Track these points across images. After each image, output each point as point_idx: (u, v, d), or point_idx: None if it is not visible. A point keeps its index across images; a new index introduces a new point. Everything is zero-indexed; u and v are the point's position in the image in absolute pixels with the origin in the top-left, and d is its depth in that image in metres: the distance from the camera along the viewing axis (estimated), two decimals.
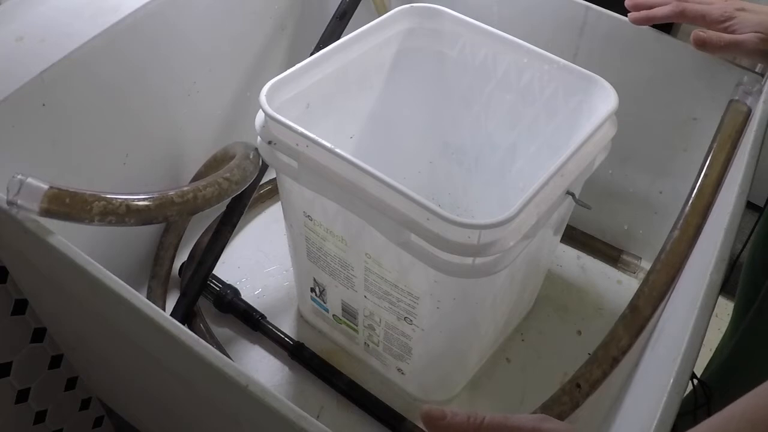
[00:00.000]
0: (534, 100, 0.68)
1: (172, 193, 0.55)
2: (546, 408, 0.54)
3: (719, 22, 0.64)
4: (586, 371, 0.53)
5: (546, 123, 0.68)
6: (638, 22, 0.69)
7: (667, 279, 0.54)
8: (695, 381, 0.51)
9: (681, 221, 0.56)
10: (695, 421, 0.34)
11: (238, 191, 0.62)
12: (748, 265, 0.80)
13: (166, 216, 0.55)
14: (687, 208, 0.56)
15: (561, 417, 0.53)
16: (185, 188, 0.56)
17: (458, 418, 0.37)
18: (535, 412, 0.54)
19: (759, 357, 0.72)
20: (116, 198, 0.51)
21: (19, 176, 0.48)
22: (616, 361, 0.53)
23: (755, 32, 0.62)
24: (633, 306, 0.54)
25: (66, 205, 0.49)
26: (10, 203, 0.48)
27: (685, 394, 0.40)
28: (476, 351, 0.71)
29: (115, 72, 0.65)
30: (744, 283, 0.81)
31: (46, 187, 0.48)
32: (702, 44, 0.65)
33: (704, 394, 0.65)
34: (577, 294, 0.86)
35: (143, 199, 0.53)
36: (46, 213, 0.48)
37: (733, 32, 0.64)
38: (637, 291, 0.55)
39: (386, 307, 0.64)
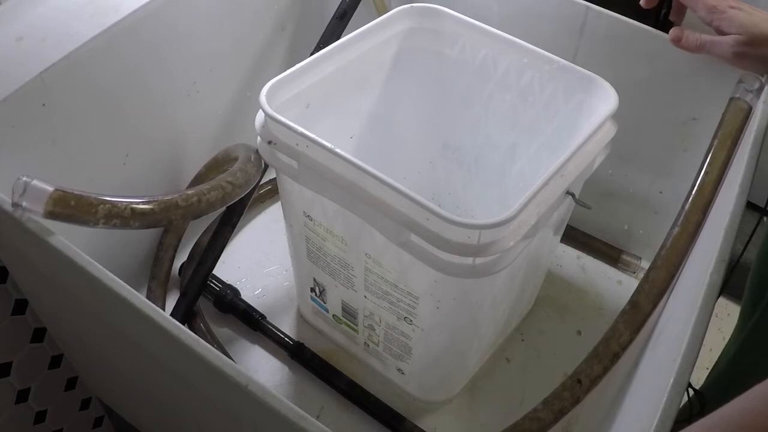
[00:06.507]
0: (534, 100, 0.68)
1: (176, 196, 0.55)
2: (547, 403, 0.53)
3: (709, 13, 0.64)
4: (586, 367, 0.53)
5: (546, 123, 0.68)
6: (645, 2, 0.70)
7: (667, 275, 0.54)
8: (690, 391, 0.50)
9: (681, 218, 0.56)
10: None
11: (242, 195, 0.62)
12: (755, 273, 0.79)
13: (170, 219, 0.55)
14: (687, 205, 0.56)
15: (562, 413, 0.53)
16: (189, 192, 0.56)
17: None
18: (535, 408, 0.54)
19: (758, 369, 0.72)
20: (121, 201, 0.51)
21: (24, 178, 0.47)
22: (616, 357, 0.53)
23: (736, 34, 0.62)
24: (633, 302, 0.54)
25: (71, 208, 0.48)
26: (14, 205, 0.47)
27: (681, 405, 0.40)
28: (476, 351, 0.71)
29: (115, 72, 0.65)
30: (751, 291, 0.80)
31: (51, 189, 0.48)
32: (678, 41, 0.67)
33: (699, 402, 0.65)
34: (577, 294, 0.86)
35: (148, 203, 0.53)
36: (51, 215, 0.47)
37: (717, 27, 0.64)
38: (637, 287, 0.55)
39: (386, 307, 0.64)
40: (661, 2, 0.71)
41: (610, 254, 0.89)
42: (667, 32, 0.69)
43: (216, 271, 0.78)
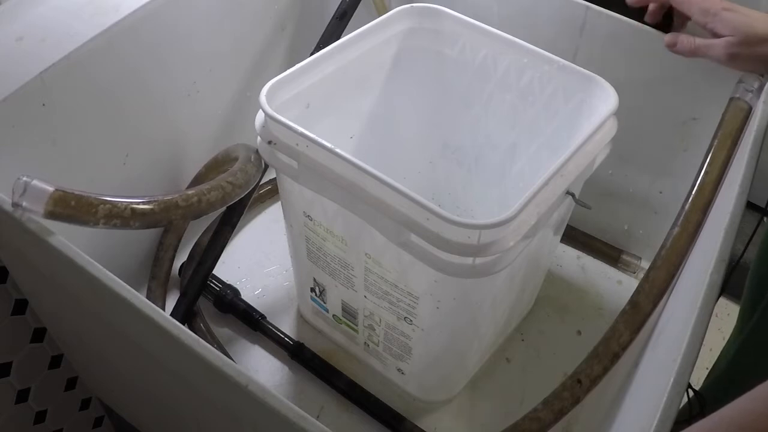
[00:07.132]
0: (534, 100, 0.68)
1: (176, 196, 0.55)
2: (547, 403, 0.53)
3: (702, 16, 0.64)
4: (586, 367, 0.53)
5: (546, 123, 0.68)
6: (634, 3, 0.71)
7: (667, 275, 0.54)
8: (689, 391, 0.50)
9: (681, 218, 0.56)
10: None
11: (242, 195, 0.62)
12: (754, 273, 0.79)
13: (170, 219, 0.55)
14: (687, 205, 0.56)
15: (562, 413, 0.53)
16: (190, 192, 0.56)
17: None
18: (535, 408, 0.54)
19: (758, 369, 0.72)
20: (121, 201, 0.51)
21: (25, 178, 0.47)
22: (616, 357, 0.53)
23: (729, 35, 0.62)
24: (633, 302, 0.54)
25: (71, 208, 0.48)
26: (14, 205, 0.47)
27: (681, 406, 0.40)
28: (476, 351, 0.71)
29: (115, 72, 0.65)
30: (750, 291, 0.80)
31: (51, 189, 0.48)
32: (673, 45, 0.67)
33: (699, 403, 0.65)
34: (577, 294, 0.86)
35: (148, 203, 0.52)
36: (51, 215, 0.47)
37: (711, 29, 0.64)
38: (637, 287, 0.55)
39: (386, 307, 0.64)
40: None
41: (610, 254, 0.89)
42: (665, 32, 0.70)
43: (216, 271, 0.78)
